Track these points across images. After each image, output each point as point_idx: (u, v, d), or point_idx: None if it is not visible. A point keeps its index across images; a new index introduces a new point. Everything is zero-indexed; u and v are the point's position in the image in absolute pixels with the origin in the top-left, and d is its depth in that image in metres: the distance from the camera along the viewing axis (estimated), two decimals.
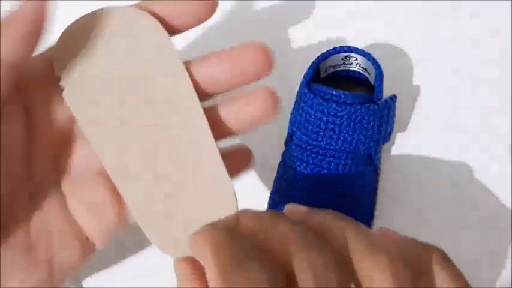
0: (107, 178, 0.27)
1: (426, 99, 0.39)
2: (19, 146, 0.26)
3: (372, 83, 0.36)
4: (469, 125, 0.38)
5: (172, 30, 0.27)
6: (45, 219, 0.27)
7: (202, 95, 0.28)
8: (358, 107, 0.32)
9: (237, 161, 0.30)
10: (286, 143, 0.36)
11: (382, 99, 0.33)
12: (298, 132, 0.34)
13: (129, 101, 0.27)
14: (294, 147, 0.35)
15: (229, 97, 0.28)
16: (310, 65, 0.35)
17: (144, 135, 0.27)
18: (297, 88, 0.35)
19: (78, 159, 0.28)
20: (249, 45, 0.27)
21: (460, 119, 0.38)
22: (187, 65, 0.28)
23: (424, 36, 0.41)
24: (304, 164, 0.34)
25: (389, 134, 0.34)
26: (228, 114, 0.28)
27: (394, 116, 0.35)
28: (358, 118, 0.32)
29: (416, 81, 0.39)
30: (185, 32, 0.28)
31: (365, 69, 0.35)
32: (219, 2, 0.27)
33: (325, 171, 0.33)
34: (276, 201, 0.34)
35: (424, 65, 0.40)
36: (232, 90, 0.28)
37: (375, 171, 0.35)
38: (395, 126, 0.35)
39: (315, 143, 0.33)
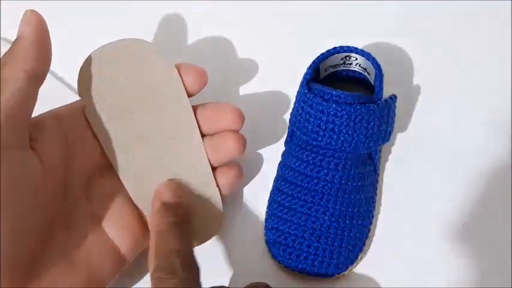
0: (132, 200, 0.33)
1: (426, 99, 0.39)
2: (59, 167, 0.30)
3: (372, 83, 0.36)
4: (469, 124, 0.38)
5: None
6: (83, 237, 0.30)
7: None
8: (358, 107, 0.32)
9: (229, 174, 0.34)
10: (286, 143, 0.36)
11: (382, 99, 0.33)
12: (298, 132, 0.34)
13: (139, 120, 0.32)
14: (293, 147, 0.35)
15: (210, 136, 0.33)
16: (310, 65, 0.35)
17: (152, 149, 0.32)
18: (297, 88, 0.35)
19: (108, 184, 0.32)
20: (228, 107, 0.33)
21: (461, 119, 0.38)
22: None
23: (425, 36, 0.41)
24: (304, 164, 0.34)
25: (389, 134, 0.34)
26: (212, 149, 0.33)
27: (394, 116, 0.35)
28: (358, 118, 0.32)
29: (416, 81, 0.39)
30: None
31: (365, 69, 0.35)
32: None
33: (325, 171, 0.33)
34: (276, 201, 0.34)
35: (424, 65, 0.40)
36: None
37: (375, 171, 0.35)
38: (395, 126, 0.35)
39: (314, 142, 0.33)
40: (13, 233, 0.26)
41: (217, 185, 0.33)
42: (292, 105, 0.35)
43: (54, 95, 0.34)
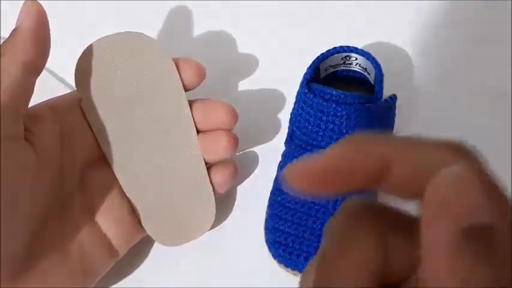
0: (124, 193, 0.32)
1: (426, 99, 0.39)
2: (54, 158, 0.29)
3: (372, 83, 0.35)
4: (469, 124, 0.38)
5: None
6: (75, 229, 0.30)
7: None
8: (358, 107, 0.32)
9: (224, 172, 0.34)
10: (286, 143, 0.36)
11: (382, 99, 0.33)
12: (298, 132, 0.34)
13: (135, 113, 0.32)
14: (294, 147, 0.35)
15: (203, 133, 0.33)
16: (310, 65, 0.34)
17: (147, 143, 0.32)
18: (297, 88, 0.35)
19: (102, 177, 0.32)
20: (222, 105, 0.33)
21: (460, 119, 0.38)
22: None
23: (425, 36, 0.41)
24: None
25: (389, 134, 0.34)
26: (204, 147, 0.33)
27: (394, 116, 0.35)
28: (358, 118, 0.32)
29: (416, 81, 0.39)
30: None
31: (365, 69, 0.35)
32: None
33: None
34: (276, 201, 0.34)
35: (423, 65, 0.40)
36: None
37: None
38: (395, 126, 0.35)
39: (314, 142, 0.33)
40: (6, 225, 0.26)
41: (212, 183, 0.33)
42: (292, 105, 0.35)
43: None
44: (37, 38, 0.27)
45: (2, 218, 0.26)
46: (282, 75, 0.39)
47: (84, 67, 0.31)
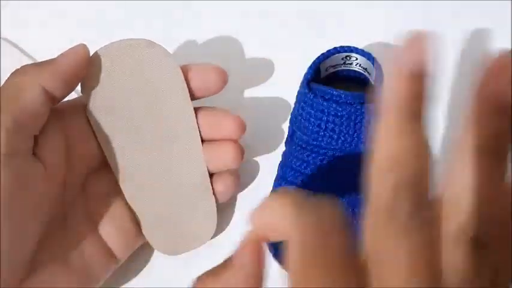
0: (126, 201, 0.32)
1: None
2: (60, 168, 0.30)
3: (372, 83, 0.35)
4: None
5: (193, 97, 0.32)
6: (77, 237, 0.30)
7: None
8: (359, 107, 0.32)
9: (226, 182, 0.33)
10: (286, 143, 0.36)
11: None
12: (299, 132, 0.34)
13: (140, 122, 0.32)
14: (294, 147, 0.35)
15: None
16: (310, 65, 0.34)
17: (151, 152, 0.32)
18: (297, 88, 0.35)
19: (105, 184, 0.32)
20: (230, 116, 0.32)
21: (460, 119, 0.38)
22: None
23: None
24: (305, 164, 0.34)
25: None
26: (209, 157, 0.32)
27: None
28: (359, 118, 0.32)
29: None
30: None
31: (365, 69, 0.35)
32: None
33: (326, 171, 0.33)
34: None
35: None
36: None
37: None
38: None
39: (315, 142, 0.33)
40: (14, 238, 0.26)
41: (214, 192, 0.33)
42: (292, 106, 0.35)
43: None
44: (68, 78, 0.28)
45: (9, 232, 0.26)
46: (282, 75, 0.39)
47: (90, 74, 0.31)
